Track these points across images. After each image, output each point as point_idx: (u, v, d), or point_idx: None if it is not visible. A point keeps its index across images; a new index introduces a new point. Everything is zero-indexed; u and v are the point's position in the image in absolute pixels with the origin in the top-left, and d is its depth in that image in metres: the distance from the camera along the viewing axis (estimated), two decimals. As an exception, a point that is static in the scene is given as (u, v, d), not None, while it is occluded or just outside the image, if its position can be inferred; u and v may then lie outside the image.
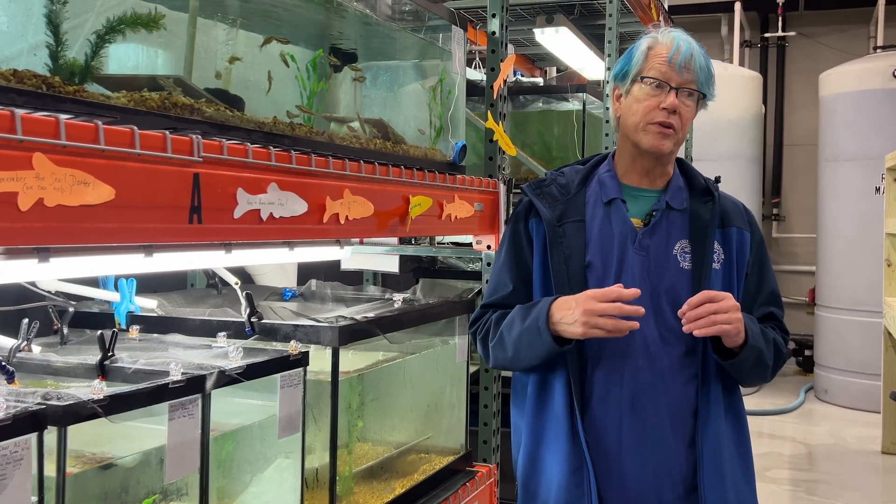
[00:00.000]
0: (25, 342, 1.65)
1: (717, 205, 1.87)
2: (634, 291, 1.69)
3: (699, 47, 1.85)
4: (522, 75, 5.32)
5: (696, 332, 1.69)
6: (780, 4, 9.30)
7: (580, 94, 4.12)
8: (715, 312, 1.68)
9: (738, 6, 9.14)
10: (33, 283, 1.82)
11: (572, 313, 1.70)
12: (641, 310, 1.68)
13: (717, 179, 1.96)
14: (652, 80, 1.80)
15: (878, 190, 7.34)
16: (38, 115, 1.14)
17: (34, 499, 1.21)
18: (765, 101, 9.52)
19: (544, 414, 1.85)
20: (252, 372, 1.64)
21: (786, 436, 6.48)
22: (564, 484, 1.79)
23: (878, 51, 8.19)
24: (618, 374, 1.78)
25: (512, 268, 1.92)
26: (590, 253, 1.83)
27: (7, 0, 1.32)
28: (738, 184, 7.46)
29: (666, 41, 1.82)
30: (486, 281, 2.75)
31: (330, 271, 3.42)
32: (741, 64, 9.29)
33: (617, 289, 1.69)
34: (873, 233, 7.27)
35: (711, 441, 1.78)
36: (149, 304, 2.06)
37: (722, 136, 7.74)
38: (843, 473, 5.52)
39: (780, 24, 9.52)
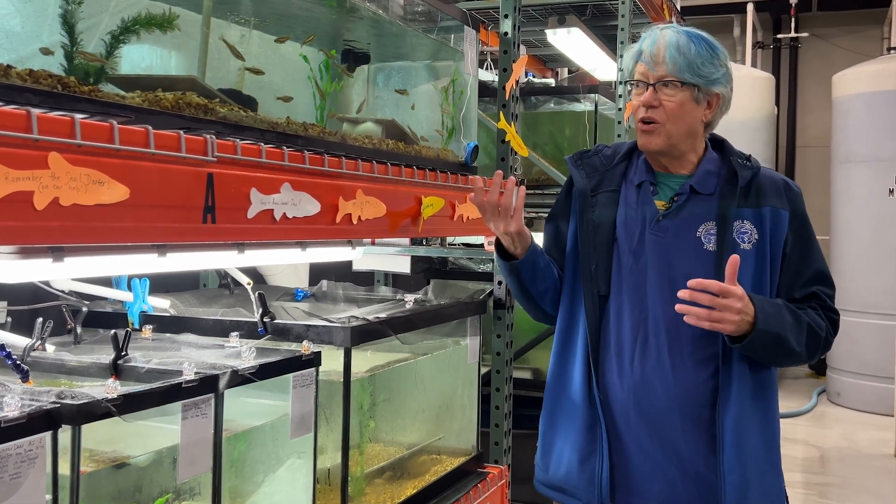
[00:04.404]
0: (39, 341, 1.65)
1: (747, 184, 1.87)
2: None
3: (685, 36, 1.83)
4: (534, 76, 5.31)
5: (685, 319, 1.71)
6: (793, 5, 9.26)
7: (592, 95, 4.11)
8: (711, 306, 1.68)
9: (750, 7, 9.11)
10: (47, 283, 1.83)
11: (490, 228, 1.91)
12: (501, 174, 1.85)
13: (748, 158, 1.95)
14: (633, 82, 1.87)
15: (891, 192, 7.30)
16: (54, 114, 1.14)
17: (48, 497, 1.21)
18: (777, 103, 9.47)
19: (564, 376, 1.93)
20: (265, 372, 1.64)
21: (798, 439, 6.44)
22: (580, 437, 1.87)
23: (892, 52, 8.13)
24: (629, 350, 1.83)
25: (548, 234, 2.05)
26: (618, 227, 1.89)
27: (22, 2, 1.32)
28: (751, 185, 7.43)
29: (646, 41, 1.86)
30: (499, 282, 2.75)
31: (341, 272, 3.42)
32: (753, 65, 9.26)
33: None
34: (887, 235, 7.23)
35: (732, 423, 1.79)
36: (162, 304, 2.06)
37: (734, 138, 7.61)
38: (856, 477, 5.48)
39: (792, 25, 9.49)
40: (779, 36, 9.86)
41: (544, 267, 1.94)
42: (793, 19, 9.44)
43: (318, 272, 3.84)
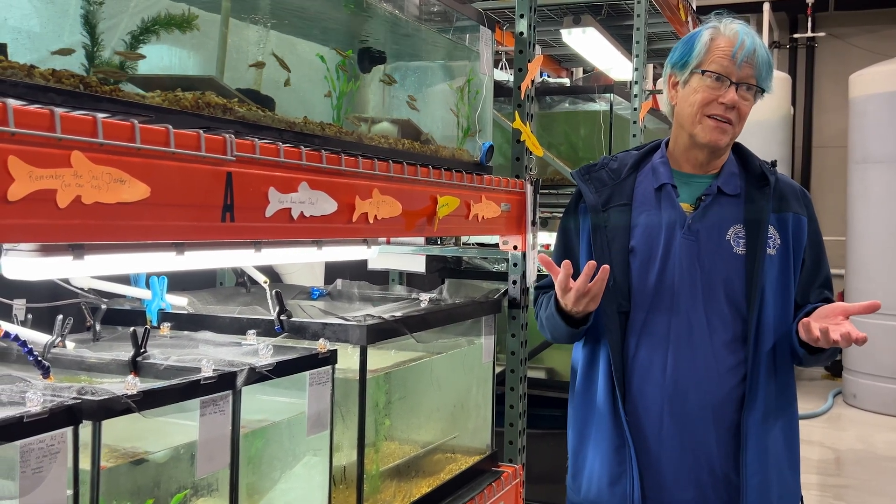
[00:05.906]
0: (60, 338, 1.67)
1: (773, 190, 1.86)
2: (590, 265, 1.72)
3: (760, 41, 1.84)
4: (549, 76, 5.31)
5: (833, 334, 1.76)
6: (810, 5, 9.21)
7: (607, 95, 4.10)
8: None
9: (766, 7, 9.06)
10: (67, 281, 1.85)
11: (566, 305, 1.80)
12: (597, 265, 1.71)
13: (774, 164, 1.95)
14: (713, 73, 1.80)
15: (909, 192, 7.24)
16: (77, 114, 1.15)
17: (69, 492, 1.23)
18: (793, 103, 9.43)
19: (589, 396, 1.91)
20: (281, 369, 1.65)
21: (814, 441, 6.41)
22: (608, 460, 1.86)
23: (910, 51, 8.08)
24: (660, 360, 1.81)
25: (557, 252, 2.01)
26: (634, 238, 1.85)
27: (44, 3, 1.34)
28: (766, 186, 7.40)
29: (729, 34, 1.81)
30: (514, 282, 2.75)
31: (356, 271, 3.43)
32: (769, 65, 9.20)
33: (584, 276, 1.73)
34: (904, 236, 7.18)
35: (756, 425, 1.79)
36: (180, 302, 2.08)
37: (750, 138, 7.61)
38: (872, 479, 5.45)
39: (809, 24, 9.43)
40: (795, 35, 9.81)
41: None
42: (809, 19, 9.39)
43: (333, 271, 3.85)
